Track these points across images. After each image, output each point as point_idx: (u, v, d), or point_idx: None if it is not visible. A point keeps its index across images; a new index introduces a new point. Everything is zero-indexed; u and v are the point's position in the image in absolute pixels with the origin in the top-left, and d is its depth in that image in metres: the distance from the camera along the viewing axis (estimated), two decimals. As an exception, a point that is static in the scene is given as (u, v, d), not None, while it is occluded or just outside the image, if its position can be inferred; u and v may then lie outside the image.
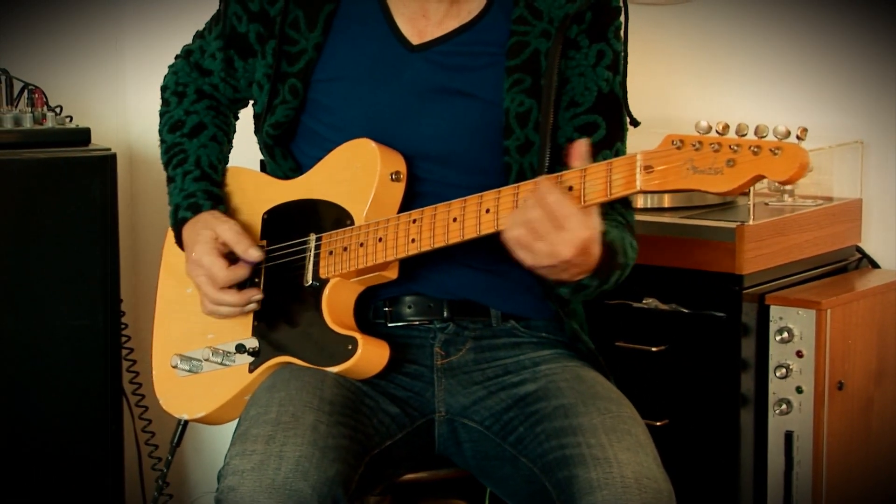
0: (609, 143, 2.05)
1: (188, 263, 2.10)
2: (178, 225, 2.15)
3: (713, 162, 1.68)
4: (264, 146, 2.18)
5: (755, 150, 1.66)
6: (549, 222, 1.74)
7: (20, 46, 3.16)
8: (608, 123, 2.06)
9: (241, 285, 2.08)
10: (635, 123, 2.10)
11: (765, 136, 1.67)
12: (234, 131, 2.31)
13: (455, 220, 1.90)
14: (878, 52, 2.99)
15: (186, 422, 2.23)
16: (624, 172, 1.75)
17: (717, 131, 1.69)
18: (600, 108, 2.06)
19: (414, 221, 1.95)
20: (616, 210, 2.06)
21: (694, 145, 1.70)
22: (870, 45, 2.99)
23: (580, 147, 1.81)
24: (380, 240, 1.98)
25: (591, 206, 1.77)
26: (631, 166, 1.74)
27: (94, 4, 3.32)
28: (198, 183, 2.17)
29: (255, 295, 2.06)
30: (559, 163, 1.99)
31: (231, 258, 2.07)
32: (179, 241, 2.16)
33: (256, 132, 2.18)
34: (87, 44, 3.31)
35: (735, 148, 1.67)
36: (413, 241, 1.95)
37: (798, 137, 1.66)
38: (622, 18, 2.08)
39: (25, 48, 3.16)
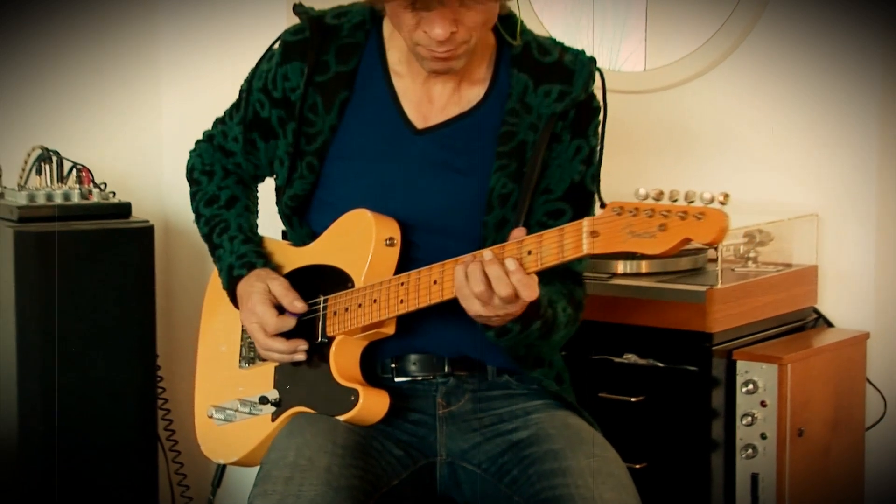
0: None
1: (243, 312, 2.10)
2: (233, 282, 2.14)
3: (648, 227, 1.68)
4: (283, 216, 2.17)
5: (682, 215, 1.66)
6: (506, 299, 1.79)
7: (70, 130, 3.17)
8: (574, 210, 2.06)
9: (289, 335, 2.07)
10: (603, 205, 2.09)
11: (693, 202, 1.66)
12: (258, 204, 2.32)
13: (435, 282, 1.90)
14: (832, 138, 3.00)
15: (225, 465, 2.25)
16: (573, 238, 1.75)
17: (653, 198, 1.68)
18: (569, 197, 2.07)
19: (402, 284, 1.94)
20: (566, 285, 2.07)
21: (631, 212, 1.70)
22: (825, 130, 3.00)
23: (519, 233, 1.83)
24: (374, 301, 1.97)
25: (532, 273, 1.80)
26: (579, 232, 1.74)
27: (136, 96, 3.33)
28: (246, 245, 2.16)
29: (302, 345, 2.05)
30: None
31: (280, 310, 2.06)
32: (233, 297, 2.15)
33: (277, 203, 2.17)
34: (129, 129, 3.33)
35: (665, 214, 1.67)
36: (402, 301, 1.94)
37: (720, 203, 1.65)
38: (601, 117, 2.09)
39: (74, 132, 3.18)
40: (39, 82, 3.16)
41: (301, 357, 2.05)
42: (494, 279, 1.79)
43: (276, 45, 2.13)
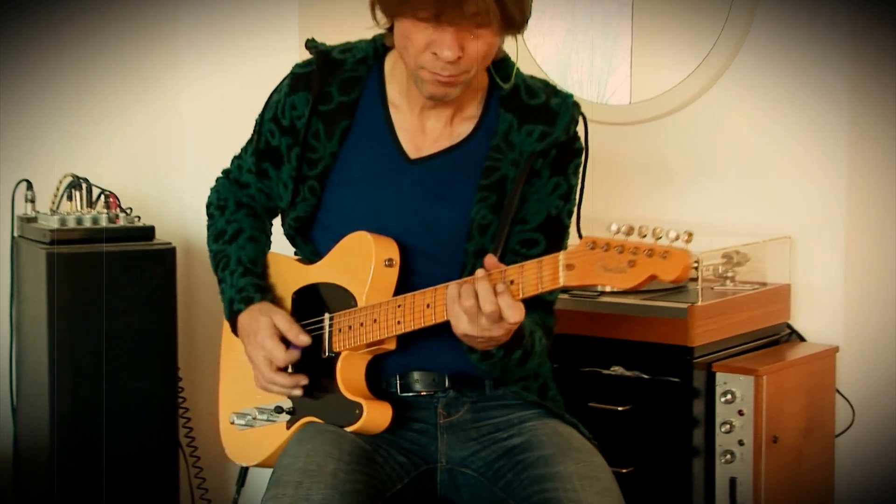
0: None
1: (250, 346, 2.08)
2: (233, 316, 2.14)
3: (618, 262, 1.68)
4: (288, 236, 2.17)
5: (649, 253, 1.66)
6: (490, 316, 1.79)
7: (99, 159, 3.17)
8: (548, 242, 2.06)
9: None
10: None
11: (660, 238, 1.67)
12: (271, 232, 2.30)
13: (428, 305, 1.90)
14: (803, 166, 3.00)
15: (246, 469, 2.26)
16: (550, 270, 1.76)
17: (623, 233, 1.69)
18: (544, 229, 2.06)
19: (399, 306, 1.94)
20: (540, 313, 2.06)
21: (603, 247, 1.70)
22: (798, 159, 3.01)
23: (490, 260, 1.83)
24: (374, 321, 1.97)
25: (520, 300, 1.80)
26: (556, 265, 1.75)
27: (160, 128, 3.34)
28: (244, 278, 2.15)
29: (302, 380, 2.05)
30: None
31: (284, 342, 2.06)
32: (234, 329, 2.15)
33: (282, 224, 2.17)
34: (153, 158, 3.33)
35: (634, 251, 1.67)
36: (399, 322, 1.94)
37: (685, 241, 1.65)
38: (582, 158, 2.09)
39: (103, 161, 3.18)
40: (70, 114, 3.17)
41: (299, 393, 2.05)
42: (482, 295, 1.79)
43: (286, 79, 2.13)
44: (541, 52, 3.40)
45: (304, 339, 2.04)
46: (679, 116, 3.16)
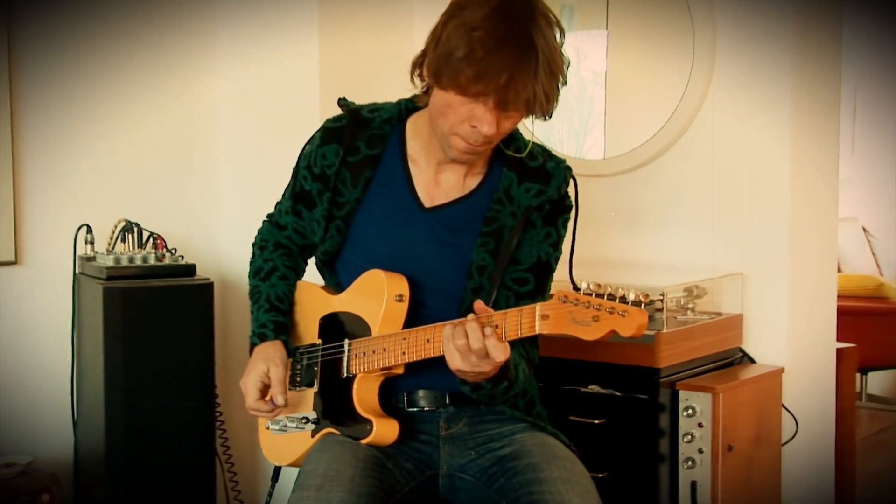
0: (532, 296, 2.05)
1: (243, 378, 2.10)
2: (251, 346, 2.16)
3: (585, 316, 1.70)
4: (318, 266, 2.17)
5: (610, 310, 1.68)
6: (478, 353, 1.80)
7: (148, 207, 3.18)
8: (536, 282, 2.06)
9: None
10: (576, 288, 2.10)
11: (624, 295, 1.68)
12: (304, 271, 2.29)
13: (428, 340, 1.91)
14: (753, 214, 3.01)
15: (279, 468, 2.26)
16: (528, 318, 1.78)
17: (592, 290, 1.70)
18: (534, 270, 2.06)
19: (404, 339, 1.95)
20: (524, 346, 2.06)
21: (573, 302, 1.71)
22: (748, 208, 3.02)
23: (479, 305, 1.85)
24: (385, 350, 1.98)
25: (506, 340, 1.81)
26: (533, 314, 1.77)
27: (201, 181, 3.35)
28: (267, 314, 2.16)
29: (263, 407, 2.07)
30: (496, 304, 2.03)
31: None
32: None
33: (314, 255, 2.18)
34: (195, 207, 3.34)
35: (598, 307, 1.69)
36: (404, 353, 1.95)
37: (641, 301, 1.67)
38: (572, 213, 2.09)
39: (152, 208, 3.19)
40: (124, 169, 3.18)
41: (262, 416, 2.08)
42: (471, 336, 1.80)
43: (318, 131, 2.13)
44: (527, 114, 3.41)
45: (279, 400, 2.06)
46: (646, 170, 3.17)
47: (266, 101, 3.25)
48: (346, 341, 2.06)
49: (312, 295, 2.20)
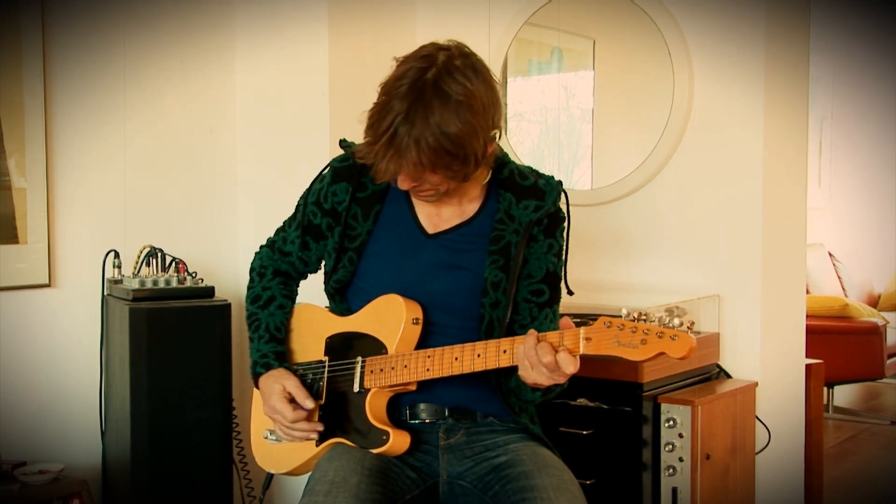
0: (550, 304, 2.07)
1: (266, 407, 2.09)
2: (255, 377, 2.14)
3: (631, 339, 1.73)
4: (328, 293, 2.17)
5: (660, 335, 1.70)
6: (548, 366, 1.82)
7: (171, 233, 3.19)
8: (550, 291, 2.07)
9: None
10: (570, 293, 2.11)
11: (667, 323, 1.71)
12: (297, 295, 2.27)
13: (456, 358, 1.91)
14: (728, 241, 3.01)
15: (272, 475, 2.23)
16: (572, 340, 1.80)
17: (633, 317, 1.73)
18: (546, 281, 2.07)
19: (429, 357, 1.95)
20: None
21: (619, 327, 1.74)
22: (724, 235, 3.02)
23: (566, 322, 1.85)
24: (405, 366, 1.98)
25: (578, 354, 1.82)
26: (577, 337, 1.79)
27: (220, 210, 3.36)
28: (268, 344, 2.15)
29: (318, 427, 2.05)
30: (516, 312, 2.05)
31: (294, 403, 2.07)
32: (256, 384, 2.15)
33: (325, 283, 2.16)
34: (214, 233, 3.34)
35: (646, 332, 1.71)
36: (428, 370, 1.95)
37: (689, 328, 1.71)
38: (565, 223, 2.11)
39: (174, 234, 3.20)
40: (148, 199, 3.19)
41: (314, 437, 2.07)
42: (541, 351, 1.82)
43: (327, 170, 2.13)
44: (520, 147, 3.42)
45: (308, 404, 2.05)
46: (630, 199, 3.17)
47: (290, 135, 3.26)
48: (360, 358, 2.05)
49: (316, 316, 2.19)
